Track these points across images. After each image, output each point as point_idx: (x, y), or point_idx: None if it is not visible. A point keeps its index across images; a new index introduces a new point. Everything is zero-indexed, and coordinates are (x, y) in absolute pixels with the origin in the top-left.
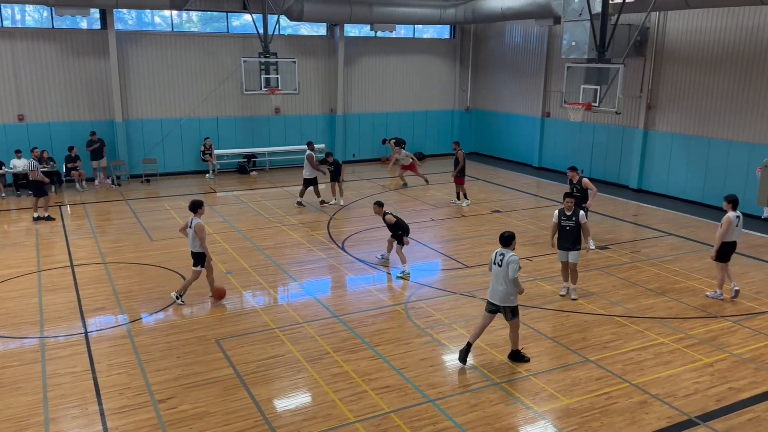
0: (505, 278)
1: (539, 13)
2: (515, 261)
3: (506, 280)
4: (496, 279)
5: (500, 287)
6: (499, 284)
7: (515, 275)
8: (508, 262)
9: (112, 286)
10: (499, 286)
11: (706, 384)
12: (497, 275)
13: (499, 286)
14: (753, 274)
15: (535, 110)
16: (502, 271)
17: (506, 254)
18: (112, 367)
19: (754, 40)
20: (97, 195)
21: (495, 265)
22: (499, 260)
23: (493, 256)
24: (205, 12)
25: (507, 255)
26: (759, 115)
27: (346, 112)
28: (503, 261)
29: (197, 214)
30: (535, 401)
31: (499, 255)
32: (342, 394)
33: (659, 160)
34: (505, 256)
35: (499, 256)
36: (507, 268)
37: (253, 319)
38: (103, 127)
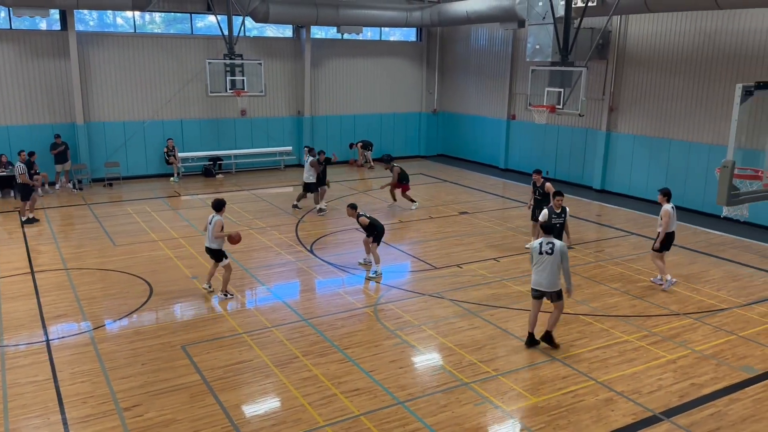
0: (558, 265)
1: (504, 16)
2: (567, 251)
3: (556, 266)
4: (543, 266)
5: (549, 274)
6: (548, 271)
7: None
8: (561, 251)
9: (74, 293)
10: (547, 273)
11: (669, 380)
12: (546, 263)
13: (548, 273)
14: (713, 272)
15: (500, 112)
16: (553, 258)
17: (555, 243)
18: (75, 376)
19: (712, 43)
20: (59, 199)
21: (543, 254)
22: (548, 249)
23: (538, 246)
24: (169, 13)
25: (557, 244)
26: (717, 116)
27: (314, 115)
28: (554, 249)
29: (220, 212)
30: (504, 400)
31: (547, 244)
32: (311, 398)
33: (621, 161)
34: (555, 245)
35: (547, 245)
36: (560, 256)
37: (220, 325)
38: (64, 130)
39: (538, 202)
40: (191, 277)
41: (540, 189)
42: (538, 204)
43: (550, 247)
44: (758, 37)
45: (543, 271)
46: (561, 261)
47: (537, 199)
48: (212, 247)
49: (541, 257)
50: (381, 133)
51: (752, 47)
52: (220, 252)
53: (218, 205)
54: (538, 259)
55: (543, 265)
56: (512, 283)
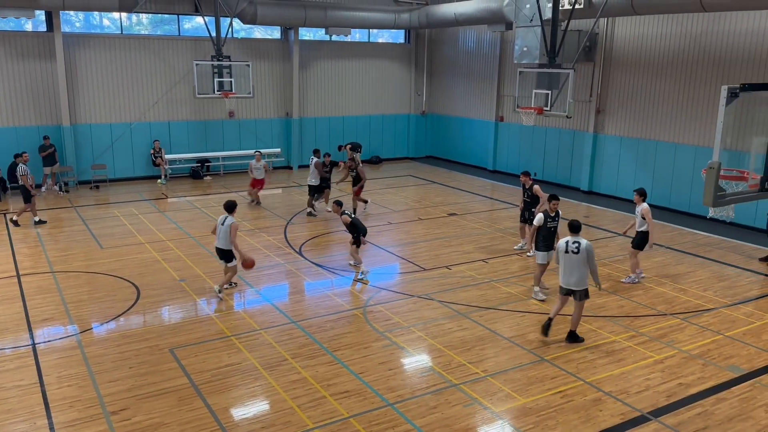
0: (584, 264)
1: (491, 19)
2: (593, 249)
3: (583, 265)
4: (570, 265)
5: (576, 273)
6: (575, 270)
7: (595, 262)
8: (588, 250)
9: (60, 296)
10: (575, 271)
11: (656, 380)
12: (572, 262)
13: (576, 271)
14: (699, 272)
15: (489, 114)
16: (579, 257)
17: (581, 242)
18: (62, 380)
19: (697, 45)
20: (45, 202)
21: (569, 253)
22: (575, 248)
23: (564, 245)
24: (156, 14)
25: (583, 243)
26: (703, 118)
27: (302, 116)
28: (580, 248)
29: (232, 213)
30: (493, 401)
31: (574, 243)
32: (300, 401)
33: (608, 163)
34: (582, 244)
35: (573, 244)
36: (586, 254)
37: (208, 327)
38: (50, 132)
39: (527, 204)
40: (179, 279)
41: (528, 191)
42: (527, 206)
43: (576, 246)
44: (743, 39)
45: (570, 270)
46: (587, 259)
47: (526, 201)
48: (223, 248)
49: (567, 256)
50: (370, 135)
51: (737, 49)
52: (230, 253)
53: (230, 206)
54: (565, 258)
55: (570, 263)
56: (501, 284)
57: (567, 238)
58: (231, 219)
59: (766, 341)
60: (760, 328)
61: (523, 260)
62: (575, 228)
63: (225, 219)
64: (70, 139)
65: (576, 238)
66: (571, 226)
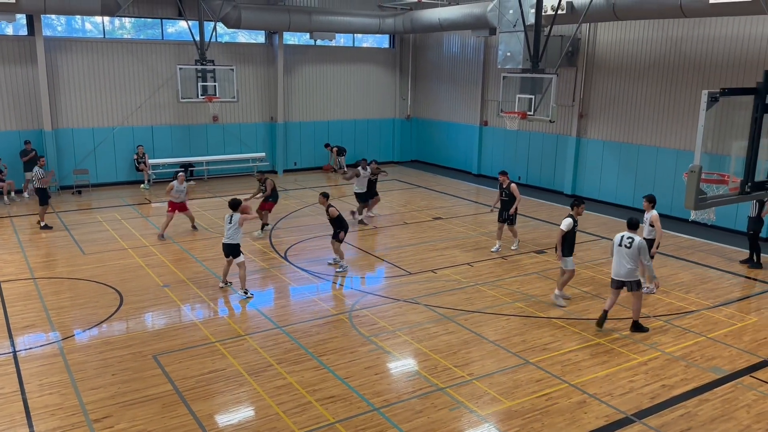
0: (634, 258)
1: (475, 24)
2: (645, 245)
3: (634, 259)
4: (622, 258)
5: (628, 265)
6: (627, 263)
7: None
8: (640, 246)
9: (42, 303)
10: (627, 264)
11: (640, 382)
12: (624, 255)
13: (627, 264)
14: (682, 275)
15: (473, 119)
16: (632, 252)
17: (635, 238)
18: (43, 387)
19: (678, 50)
20: (26, 207)
21: (622, 247)
22: (628, 242)
23: (618, 239)
24: (139, 18)
25: (636, 239)
26: (684, 122)
27: (287, 121)
28: (633, 244)
29: (238, 210)
30: (479, 405)
31: (627, 238)
32: (286, 407)
33: (591, 167)
34: (635, 240)
35: (627, 239)
36: (638, 251)
37: (192, 333)
38: (32, 137)
39: (504, 204)
40: (162, 285)
41: (506, 190)
42: (504, 205)
43: (630, 241)
44: (723, 44)
45: (621, 261)
46: (639, 254)
47: (503, 200)
48: (233, 243)
49: (619, 249)
50: (355, 139)
51: (717, 54)
52: (237, 247)
53: (235, 204)
54: (618, 251)
55: (621, 256)
56: (486, 287)
57: (622, 233)
58: (238, 215)
59: (748, 342)
60: (742, 329)
61: (508, 263)
62: (633, 225)
63: (232, 216)
64: (51, 144)
65: (631, 233)
66: (629, 223)
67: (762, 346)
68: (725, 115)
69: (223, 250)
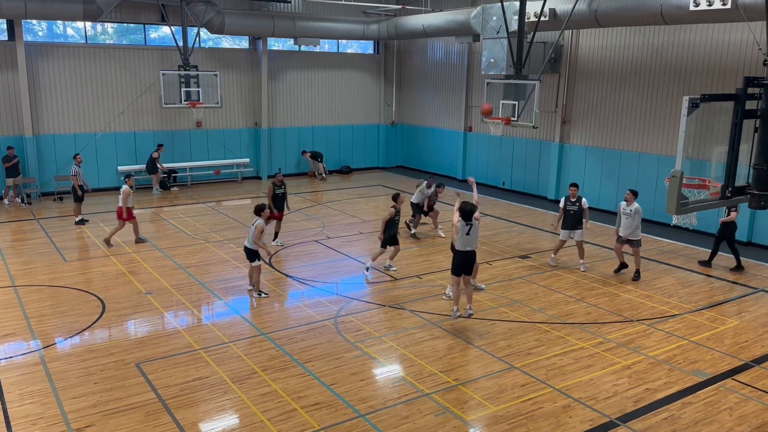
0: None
1: (459, 30)
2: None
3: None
4: (627, 223)
5: (630, 228)
6: (630, 226)
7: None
8: (637, 211)
9: (22, 311)
10: (629, 227)
11: (624, 386)
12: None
13: (630, 227)
14: (664, 279)
15: (457, 124)
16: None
17: (634, 206)
18: (24, 397)
19: (659, 57)
20: (7, 214)
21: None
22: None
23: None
24: (122, 24)
25: (634, 206)
26: (665, 127)
27: (271, 126)
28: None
29: (261, 215)
30: (464, 410)
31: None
32: (271, 414)
33: (575, 172)
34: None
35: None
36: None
37: (175, 341)
38: (12, 143)
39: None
40: (145, 292)
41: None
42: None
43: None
44: (703, 51)
45: (628, 224)
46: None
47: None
48: (248, 247)
49: (624, 218)
50: (340, 145)
51: (698, 60)
52: (255, 253)
53: (259, 210)
54: (623, 217)
55: (627, 220)
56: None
57: (623, 203)
58: (260, 221)
59: (729, 345)
60: (723, 332)
61: (492, 268)
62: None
63: (255, 221)
64: (32, 150)
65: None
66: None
67: (743, 349)
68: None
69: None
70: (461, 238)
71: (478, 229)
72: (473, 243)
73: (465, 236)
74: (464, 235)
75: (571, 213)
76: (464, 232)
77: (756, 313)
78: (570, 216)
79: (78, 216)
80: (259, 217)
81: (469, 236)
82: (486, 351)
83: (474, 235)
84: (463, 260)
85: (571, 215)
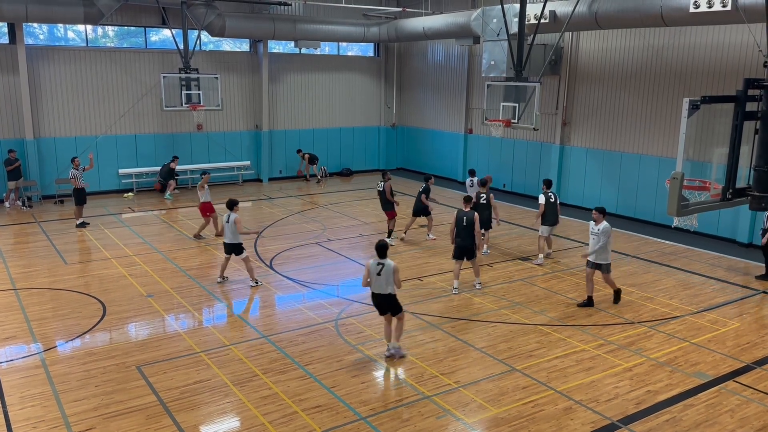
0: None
1: (459, 33)
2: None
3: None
4: (594, 242)
5: (596, 246)
6: (596, 245)
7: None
8: (603, 231)
9: (23, 314)
10: (595, 246)
11: (626, 388)
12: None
13: (596, 246)
14: (665, 281)
15: (458, 127)
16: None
17: (601, 225)
18: (25, 400)
19: (659, 59)
20: (8, 217)
21: (591, 237)
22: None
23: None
24: (122, 27)
25: (602, 225)
26: (666, 129)
27: (272, 129)
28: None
29: (234, 210)
30: (465, 413)
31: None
32: (272, 417)
33: (575, 174)
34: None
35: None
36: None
37: (176, 344)
38: (13, 146)
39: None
40: (146, 295)
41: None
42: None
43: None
44: (703, 52)
45: (595, 246)
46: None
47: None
48: (230, 243)
49: (592, 238)
50: (340, 148)
51: (698, 62)
52: (239, 246)
53: (231, 204)
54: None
55: (594, 240)
56: (472, 295)
57: (592, 223)
58: (234, 215)
59: (731, 347)
60: (725, 334)
61: (493, 270)
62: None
63: (228, 216)
64: (33, 153)
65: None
66: (598, 209)
67: (744, 351)
68: (706, 123)
69: (224, 249)
70: (373, 278)
71: (392, 274)
72: (384, 287)
73: (376, 276)
74: (375, 275)
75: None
76: (375, 272)
77: (757, 315)
78: (553, 208)
79: (79, 219)
80: (231, 211)
81: (380, 277)
82: (487, 353)
83: (386, 276)
84: (379, 303)
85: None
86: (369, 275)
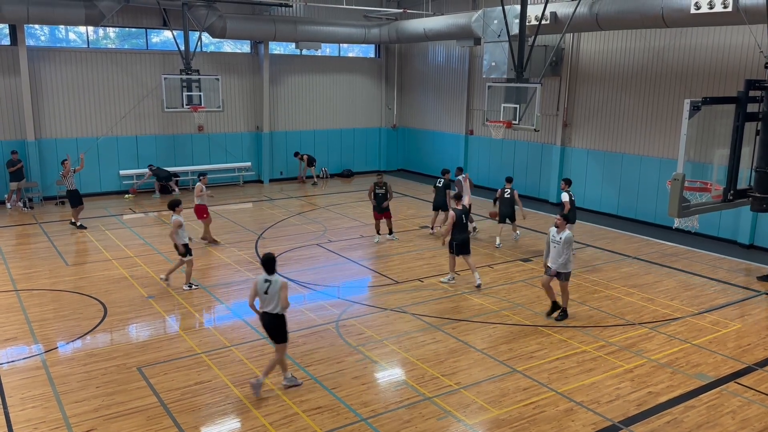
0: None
1: (460, 34)
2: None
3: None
4: (556, 253)
5: (560, 258)
6: (559, 256)
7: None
8: (566, 240)
9: (24, 315)
10: (558, 257)
11: (627, 389)
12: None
13: (559, 257)
14: (666, 282)
15: (459, 128)
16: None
17: (563, 234)
18: (26, 401)
19: (660, 60)
20: (9, 218)
21: (552, 245)
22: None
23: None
24: (123, 28)
25: (564, 234)
26: (667, 131)
27: (273, 130)
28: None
29: (176, 211)
30: (466, 414)
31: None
32: (272, 418)
33: (576, 175)
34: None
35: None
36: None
37: (177, 345)
38: (14, 148)
39: None
40: (147, 296)
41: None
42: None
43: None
44: (704, 54)
45: (555, 256)
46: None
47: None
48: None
49: (552, 246)
50: (341, 149)
51: (699, 63)
52: (185, 246)
53: (172, 205)
54: (551, 247)
55: (554, 251)
56: (473, 296)
57: (551, 229)
58: (175, 216)
59: (732, 349)
60: (726, 336)
61: (494, 271)
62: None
63: (172, 218)
64: (34, 154)
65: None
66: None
67: (746, 353)
68: (707, 124)
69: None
70: (261, 296)
71: (278, 294)
72: (271, 305)
73: (264, 295)
74: (263, 293)
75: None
76: (262, 290)
77: (759, 316)
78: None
79: (77, 221)
80: (173, 212)
81: (267, 296)
82: (488, 354)
83: (273, 294)
84: (265, 325)
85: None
86: (255, 293)
